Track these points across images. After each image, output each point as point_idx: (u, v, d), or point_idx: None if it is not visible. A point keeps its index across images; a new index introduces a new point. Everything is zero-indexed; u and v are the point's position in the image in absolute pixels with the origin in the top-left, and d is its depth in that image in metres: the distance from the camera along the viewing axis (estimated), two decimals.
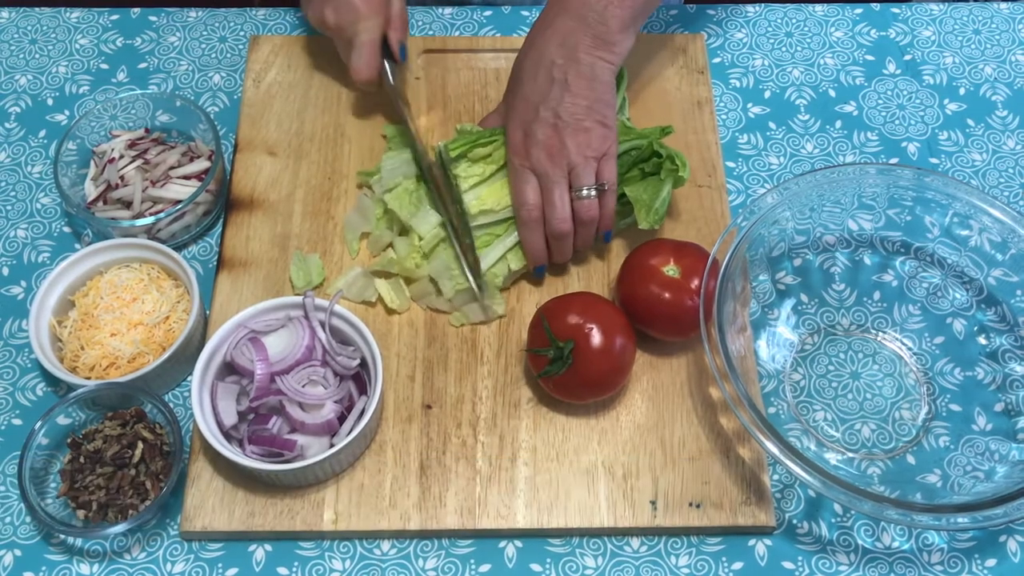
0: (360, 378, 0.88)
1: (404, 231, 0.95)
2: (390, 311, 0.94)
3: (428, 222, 0.93)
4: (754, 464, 0.86)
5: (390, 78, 1.00)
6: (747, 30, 1.14)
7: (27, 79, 1.09)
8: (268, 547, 0.84)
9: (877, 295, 0.96)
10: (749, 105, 1.09)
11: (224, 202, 1.00)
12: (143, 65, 1.10)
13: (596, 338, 0.84)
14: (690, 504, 0.85)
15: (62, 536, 0.84)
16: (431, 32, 1.12)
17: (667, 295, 0.87)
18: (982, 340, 0.93)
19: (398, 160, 0.97)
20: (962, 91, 1.10)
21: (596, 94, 0.89)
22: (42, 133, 1.06)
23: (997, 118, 1.08)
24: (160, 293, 0.91)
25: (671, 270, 0.88)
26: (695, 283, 0.87)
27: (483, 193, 0.92)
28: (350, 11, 0.96)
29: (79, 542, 0.84)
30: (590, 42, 0.89)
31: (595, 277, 0.96)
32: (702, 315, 0.84)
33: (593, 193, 0.90)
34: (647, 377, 0.91)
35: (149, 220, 0.94)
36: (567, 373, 0.85)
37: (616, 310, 0.88)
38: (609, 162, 0.91)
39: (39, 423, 0.84)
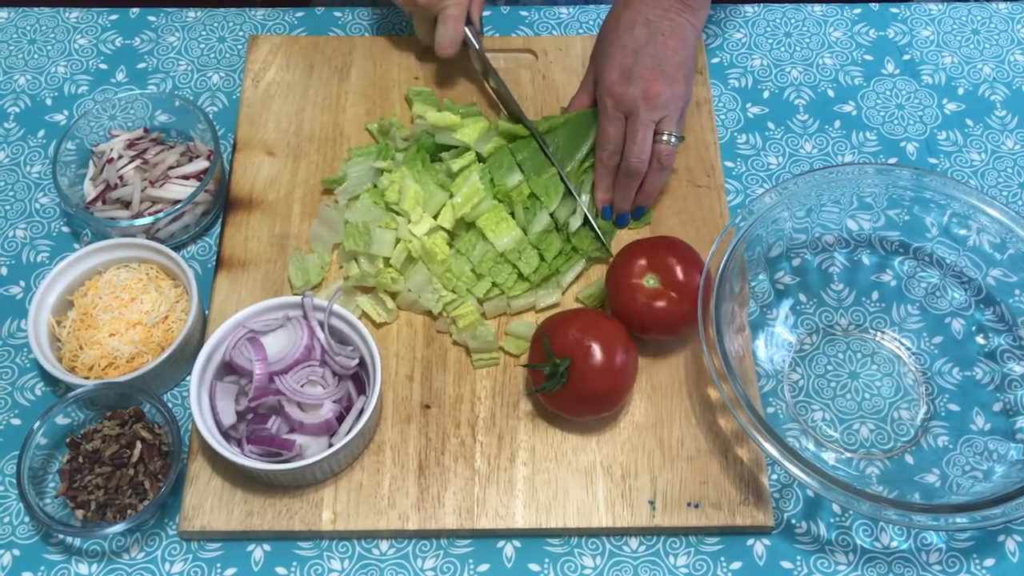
0: (359, 378, 0.88)
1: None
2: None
3: (386, 243, 0.92)
4: (752, 464, 0.86)
5: (475, 43, 1.02)
6: (746, 30, 1.14)
7: (26, 79, 1.09)
8: (267, 547, 0.84)
9: (876, 295, 0.96)
10: (748, 105, 1.09)
11: (223, 202, 1.00)
12: (142, 65, 1.10)
13: (596, 356, 0.84)
14: (688, 504, 0.85)
15: (61, 536, 0.84)
16: None
17: (657, 304, 0.87)
18: (980, 340, 0.93)
19: (363, 167, 0.97)
20: (961, 91, 1.10)
21: (687, 52, 0.97)
22: (41, 133, 1.06)
23: (996, 118, 1.08)
24: (159, 293, 0.91)
25: (650, 279, 0.88)
26: (679, 277, 0.87)
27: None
28: None
29: (78, 542, 0.84)
30: (680, 6, 0.97)
31: (594, 279, 0.96)
32: (700, 316, 0.84)
33: (675, 140, 0.94)
34: (645, 377, 0.91)
35: (148, 220, 0.94)
36: (564, 389, 0.84)
37: (619, 329, 0.87)
38: (683, 119, 0.97)
39: (38, 423, 0.84)
